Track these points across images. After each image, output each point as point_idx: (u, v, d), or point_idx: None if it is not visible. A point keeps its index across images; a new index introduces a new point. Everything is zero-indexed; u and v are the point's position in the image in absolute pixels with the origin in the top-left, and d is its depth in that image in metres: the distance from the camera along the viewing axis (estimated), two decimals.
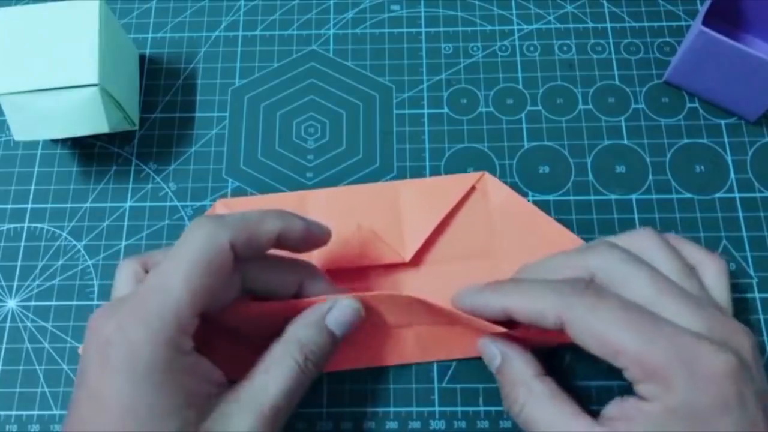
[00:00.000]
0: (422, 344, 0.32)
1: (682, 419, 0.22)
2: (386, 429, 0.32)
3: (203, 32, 0.41)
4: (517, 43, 0.40)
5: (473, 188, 0.35)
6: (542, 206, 0.34)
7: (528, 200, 0.35)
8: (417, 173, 0.36)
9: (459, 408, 0.32)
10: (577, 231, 0.34)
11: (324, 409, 0.32)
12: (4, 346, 0.34)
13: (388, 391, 0.32)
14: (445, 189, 0.35)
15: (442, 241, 0.34)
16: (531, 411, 0.26)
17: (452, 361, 0.32)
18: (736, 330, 0.25)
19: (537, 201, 0.35)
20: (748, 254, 0.34)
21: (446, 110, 0.38)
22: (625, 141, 0.37)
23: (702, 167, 0.36)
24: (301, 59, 0.40)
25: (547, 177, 0.36)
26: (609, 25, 0.40)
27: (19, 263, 0.35)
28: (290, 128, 0.38)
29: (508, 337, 0.29)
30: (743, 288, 0.34)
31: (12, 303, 0.35)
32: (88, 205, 0.37)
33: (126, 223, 0.36)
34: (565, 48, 0.39)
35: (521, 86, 0.38)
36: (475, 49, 0.40)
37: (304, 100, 0.39)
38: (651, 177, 0.36)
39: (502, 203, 0.34)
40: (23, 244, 0.36)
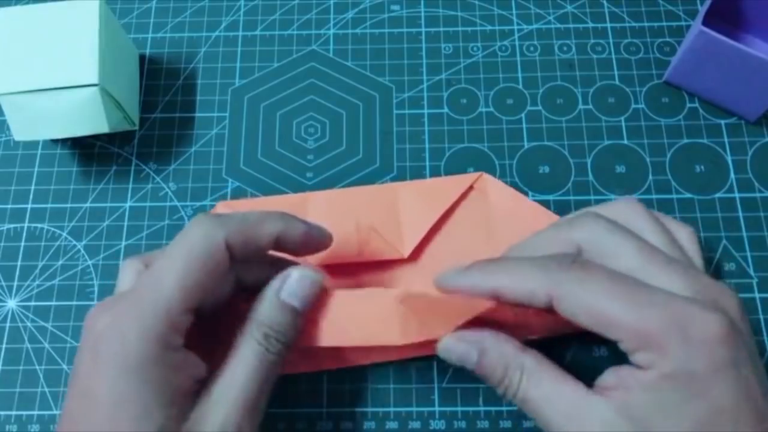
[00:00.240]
0: (412, 329, 0.31)
1: (679, 384, 0.22)
2: (386, 429, 0.32)
3: (203, 32, 0.41)
4: (517, 43, 0.40)
5: (471, 188, 0.35)
6: (542, 206, 0.34)
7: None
8: (417, 173, 0.36)
9: (459, 408, 0.32)
10: None
11: (324, 409, 0.32)
12: (4, 346, 0.34)
13: (388, 391, 0.32)
14: (444, 189, 0.35)
15: (441, 239, 0.34)
16: (528, 388, 0.25)
17: None
18: (723, 291, 0.25)
19: (537, 201, 0.35)
20: (748, 254, 0.34)
21: (446, 110, 0.38)
22: (625, 141, 0.37)
23: (702, 167, 0.36)
24: (301, 59, 0.40)
25: (547, 177, 0.36)
26: (609, 25, 0.40)
27: (19, 263, 0.35)
28: (290, 128, 0.38)
29: (469, 325, 0.27)
30: (743, 288, 0.34)
31: (12, 303, 0.35)
32: (88, 205, 0.37)
33: (126, 223, 0.36)
34: (565, 48, 0.39)
35: (521, 86, 0.38)
36: (475, 49, 0.40)
37: (304, 100, 0.39)
38: (651, 177, 0.36)
39: (501, 200, 0.34)
40: (23, 244, 0.36)
